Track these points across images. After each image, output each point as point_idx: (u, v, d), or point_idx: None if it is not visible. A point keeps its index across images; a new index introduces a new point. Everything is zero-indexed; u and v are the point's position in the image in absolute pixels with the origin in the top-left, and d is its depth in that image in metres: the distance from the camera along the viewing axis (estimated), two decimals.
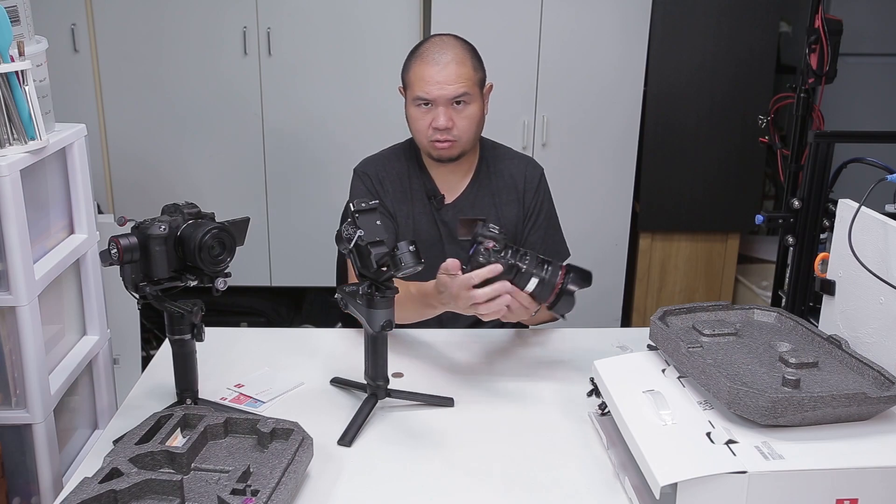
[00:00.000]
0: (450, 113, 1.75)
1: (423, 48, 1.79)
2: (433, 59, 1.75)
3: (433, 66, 1.75)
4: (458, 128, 1.77)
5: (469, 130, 1.79)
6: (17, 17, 1.50)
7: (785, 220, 2.07)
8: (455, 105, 1.75)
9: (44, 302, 1.52)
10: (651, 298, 3.42)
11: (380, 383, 1.46)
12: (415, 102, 1.77)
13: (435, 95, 1.74)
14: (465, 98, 1.75)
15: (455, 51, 1.77)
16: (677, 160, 3.23)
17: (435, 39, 1.81)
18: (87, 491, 1.08)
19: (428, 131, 1.77)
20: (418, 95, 1.76)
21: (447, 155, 1.80)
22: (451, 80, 1.74)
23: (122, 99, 3.23)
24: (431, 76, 1.74)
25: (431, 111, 1.76)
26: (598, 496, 1.24)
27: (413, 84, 1.77)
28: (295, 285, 3.43)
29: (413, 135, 1.84)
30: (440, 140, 1.77)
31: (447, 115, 1.75)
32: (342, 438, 1.37)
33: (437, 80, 1.74)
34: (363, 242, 1.36)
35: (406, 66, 1.81)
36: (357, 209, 1.39)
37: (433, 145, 1.79)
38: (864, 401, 1.14)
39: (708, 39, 3.12)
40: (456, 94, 1.74)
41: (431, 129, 1.76)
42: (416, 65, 1.78)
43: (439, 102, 1.74)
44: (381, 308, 1.38)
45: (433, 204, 1.87)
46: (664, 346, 1.36)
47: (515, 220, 1.90)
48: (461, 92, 1.74)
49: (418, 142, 1.83)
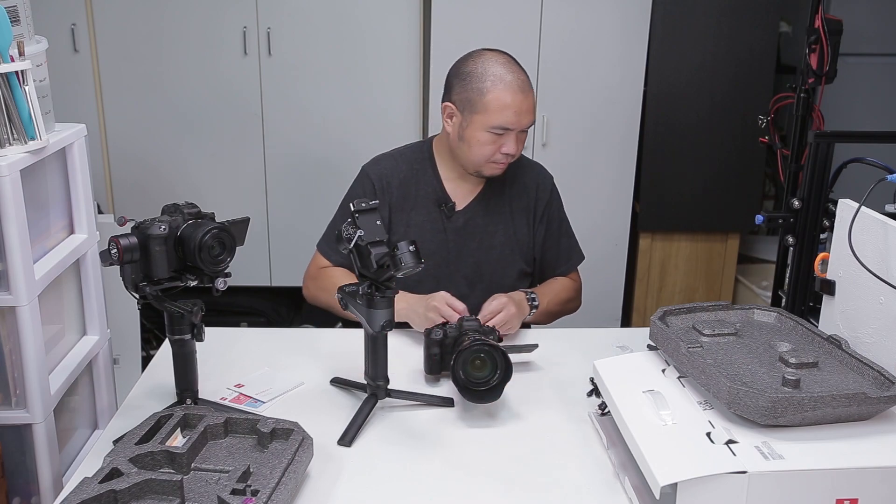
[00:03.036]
0: (518, 137, 1.75)
1: (497, 71, 1.71)
2: (517, 86, 1.70)
3: (519, 94, 1.70)
4: (519, 150, 1.78)
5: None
6: (17, 17, 1.50)
7: (785, 220, 2.06)
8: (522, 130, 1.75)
9: (44, 302, 1.51)
10: (651, 298, 3.42)
11: (380, 383, 1.46)
12: (490, 129, 1.72)
13: (516, 126, 1.72)
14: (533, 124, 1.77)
15: (525, 75, 1.74)
16: (677, 160, 3.23)
17: (503, 61, 1.74)
18: (87, 491, 1.08)
19: (495, 155, 1.75)
20: (500, 125, 1.70)
21: (500, 172, 1.81)
22: (532, 108, 1.73)
23: (122, 99, 3.23)
24: (518, 105, 1.70)
25: (503, 137, 1.73)
26: (598, 496, 1.24)
27: (494, 111, 1.70)
28: (295, 285, 3.40)
29: (467, 154, 1.78)
30: (503, 163, 1.77)
31: (519, 140, 1.74)
32: (342, 438, 1.37)
33: (522, 110, 1.71)
34: (363, 242, 1.36)
35: (476, 87, 1.71)
36: (357, 209, 1.39)
37: (492, 166, 1.78)
38: (864, 401, 1.14)
39: (708, 39, 3.12)
40: (530, 124, 1.74)
41: (499, 154, 1.75)
42: (496, 90, 1.70)
43: (515, 130, 1.73)
44: (381, 308, 1.38)
45: (444, 211, 1.86)
46: (664, 346, 1.36)
47: (525, 230, 1.90)
48: (532, 122, 1.75)
49: (470, 161, 1.79)
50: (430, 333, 1.55)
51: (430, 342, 1.55)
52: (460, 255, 1.87)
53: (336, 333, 1.83)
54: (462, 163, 1.82)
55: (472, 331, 1.51)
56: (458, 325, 1.54)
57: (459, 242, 1.87)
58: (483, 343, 1.41)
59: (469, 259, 1.87)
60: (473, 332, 1.50)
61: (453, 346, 1.50)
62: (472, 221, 1.87)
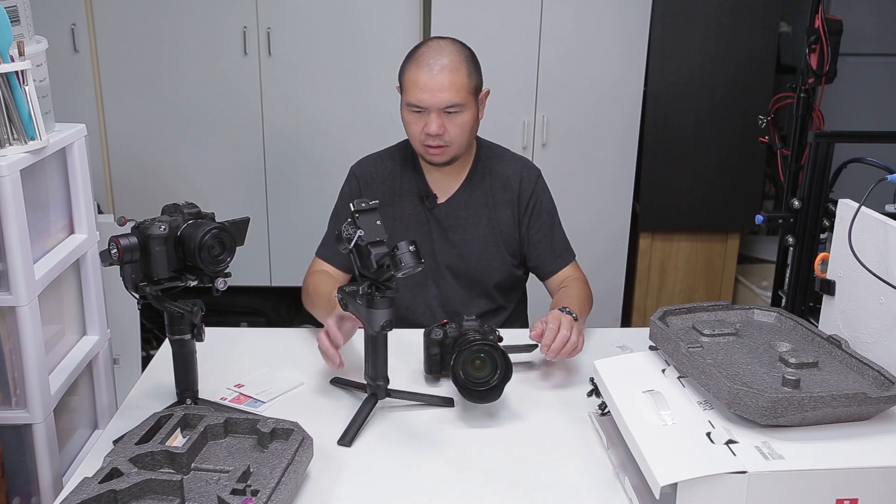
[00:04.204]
0: (442, 119, 1.74)
1: (419, 52, 1.78)
2: (427, 64, 1.74)
3: (426, 72, 1.73)
4: (450, 134, 1.76)
5: (461, 137, 1.79)
6: (17, 17, 1.50)
7: (785, 220, 2.07)
8: (447, 112, 1.75)
9: (44, 302, 1.52)
10: (651, 298, 3.42)
11: (380, 383, 1.46)
12: (408, 107, 1.77)
13: (427, 104, 1.73)
14: (457, 107, 1.75)
15: (451, 57, 1.75)
16: (677, 160, 3.23)
17: (431, 43, 1.79)
18: (87, 491, 1.08)
19: (420, 136, 1.77)
20: (410, 101, 1.76)
21: (439, 160, 1.81)
22: (444, 87, 1.72)
23: (122, 99, 3.23)
24: (424, 83, 1.73)
25: (424, 116, 1.75)
26: (598, 496, 1.24)
27: (407, 88, 1.77)
28: (295, 285, 3.40)
29: (408, 136, 1.84)
30: (432, 146, 1.77)
31: (439, 121, 1.74)
32: (342, 438, 1.37)
33: (429, 88, 1.72)
34: (363, 242, 1.36)
35: (402, 67, 1.80)
36: (357, 209, 1.39)
37: (426, 149, 1.79)
38: (864, 401, 1.14)
39: (708, 39, 3.11)
40: (447, 104, 1.73)
41: (424, 134, 1.76)
42: (410, 69, 1.76)
43: (431, 109, 1.74)
44: (381, 308, 1.38)
45: (426, 204, 1.87)
46: (664, 346, 1.36)
47: (510, 221, 1.90)
48: (452, 102, 1.73)
49: (413, 144, 1.84)
50: (430, 333, 1.55)
51: (430, 342, 1.55)
52: (444, 246, 1.89)
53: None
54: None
55: (472, 331, 1.51)
56: (458, 325, 1.54)
57: (442, 234, 1.88)
58: (483, 343, 1.41)
59: (453, 250, 1.88)
60: (473, 332, 1.50)
61: (453, 346, 1.50)
62: (454, 213, 1.88)
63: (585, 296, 1.86)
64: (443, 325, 1.56)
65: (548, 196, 1.94)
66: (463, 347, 1.41)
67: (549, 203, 1.94)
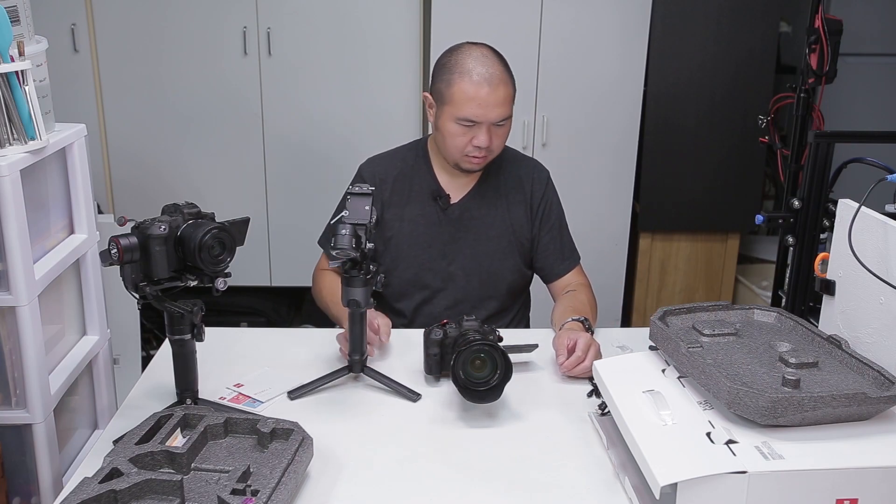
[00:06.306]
0: (491, 131, 1.74)
1: (465, 64, 1.72)
2: (483, 79, 1.70)
3: (484, 87, 1.70)
4: (495, 144, 1.77)
5: (502, 145, 1.80)
6: (17, 17, 1.50)
7: (785, 220, 2.07)
8: (496, 124, 1.74)
9: (44, 302, 1.51)
10: (651, 298, 3.42)
11: (355, 357, 1.51)
12: (457, 121, 1.73)
13: (482, 119, 1.72)
14: (507, 119, 1.75)
15: (499, 68, 1.73)
16: (677, 160, 3.23)
17: (475, 54, 1.74)
18: (87, 491, 1.08)
19: (466, 147, 1.76)
20: (465, 117, 1.72)
21: (478, 168, 1.81)
22: (500, 103, 1.72)
23: (122, 99, 3.23)
24: (484, 98, 1.70)
25: (473, 129, 1.73)
26: (598, 496, 1.24)
27: (458, 102, 1.72)
28: (295, 285, 3.43)
29: (444, 147, 1.80)
30: (477, 156, 1.77)
31: (489, 134, 1.74)
32: (292, 392, 1.47)
33: (487, 103, 1.70)
34: (346, 222, 1.41)
35: (446, 79, 1.74)
36: (351, 192, 1.44)
37: (468, 160, 1.78)
38: (864, 401, 1.14)
39: (708, 39, 3.11)
40: (501, 118, 1.73)
41: (471, 146, 1.75)
42: (461, 82, 1.71)
43: (484, 123, 1.72)
44: (352, 287, 1.44)
45: (439, 204, 1.87)
46: (664, 346, 1.36)
47: (523, 222, 1.90)
48: (506, 115, 1.74)
49: (448, 154, 1.81)
50: (430, 333, 1.55)
51: (430, 342, 1.55)
52: (457, 246, 1.88)
53: (336, 333, 1.82)
54: (443, 154, 1.84)
55: (471, 331, 1.51)
56: (457, 325, 1.54)
57: (455, 234, 1.88)
58: (483, 343, 1.41)
59: (466, 250, 1.88)
60: (473, 332, 1.50)
61: (453, 346, 1.50)
62: (467, 213, 1.88)
63: (594, 303, 1.88)
64: (443, 325, 1.56)
65: (557, 198, 1.95)
66: (463, 347, 1.41)
67: (558, 205, 1.95)
